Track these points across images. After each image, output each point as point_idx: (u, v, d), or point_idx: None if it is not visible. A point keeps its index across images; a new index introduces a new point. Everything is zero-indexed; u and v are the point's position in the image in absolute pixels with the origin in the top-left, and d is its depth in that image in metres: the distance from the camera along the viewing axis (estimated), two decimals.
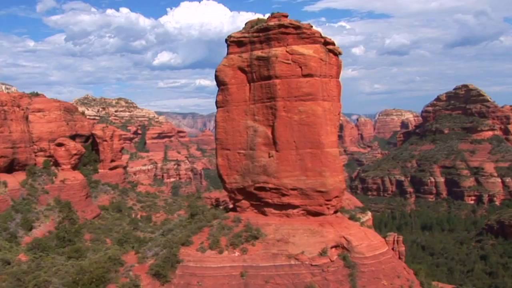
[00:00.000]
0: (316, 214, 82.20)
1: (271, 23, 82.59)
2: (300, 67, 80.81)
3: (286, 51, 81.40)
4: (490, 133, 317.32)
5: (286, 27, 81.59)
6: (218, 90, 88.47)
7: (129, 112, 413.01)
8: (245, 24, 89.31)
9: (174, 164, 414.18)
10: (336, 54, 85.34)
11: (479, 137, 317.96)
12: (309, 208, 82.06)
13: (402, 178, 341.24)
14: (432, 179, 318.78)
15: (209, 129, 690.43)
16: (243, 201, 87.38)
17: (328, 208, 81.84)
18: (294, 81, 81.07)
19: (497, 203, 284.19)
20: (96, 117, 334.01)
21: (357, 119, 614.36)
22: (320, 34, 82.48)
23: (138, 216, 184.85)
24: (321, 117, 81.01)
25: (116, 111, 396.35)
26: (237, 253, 78.71)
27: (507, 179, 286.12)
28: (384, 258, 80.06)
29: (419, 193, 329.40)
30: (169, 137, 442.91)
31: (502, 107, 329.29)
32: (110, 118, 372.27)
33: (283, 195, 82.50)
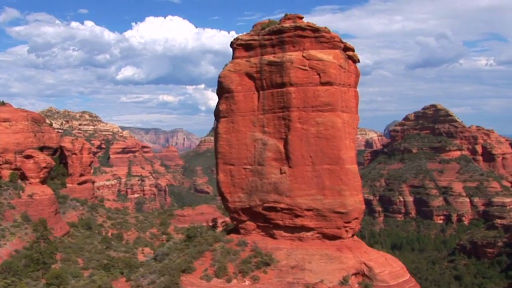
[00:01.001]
0: (332, 238, 72.80)
1: (286, 25, 73.54)
2: (318, 74, 71.91)
3: (303, 56, 72.44)
4: (458, 153, 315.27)
5: (303, 29, 72.67)
6: (221, 98, 78.60)
7: (93, 126, 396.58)
8: (253, 26, 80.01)
9: (138, 180, 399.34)
10: (355, 61, 76.84)
11: (447, 156, 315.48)
12: (325, 231, 72.58)
13: (371, 197, 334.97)
14: (401, 198, 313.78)
15: (172, 145, 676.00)
16: (248, 222, 77.26)
17: (346, 231, 72.57)
18: (311, 90, 72.02)
19: (466, 222, 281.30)
20: (59, 130, 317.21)
21: None
22: (340, 39, 73.87)
23: (109, 234, 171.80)
24: (341, 130, 72.09)
25: (80, 125, 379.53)
26: (247, 282, 68.53)
27: (475, 199, 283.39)
28: (408, 286, 71.15)
29: (388, 212, 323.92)
30: (133, 152, 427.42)
31: (469, 127, 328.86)
32: (74, 132, 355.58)
33: (296, 216, 72.87)
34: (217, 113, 79.80)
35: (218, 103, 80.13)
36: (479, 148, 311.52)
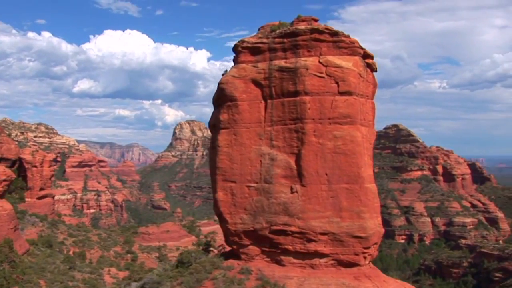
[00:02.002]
0: (349, 265, 63.79)
1: (301, 27, 64.95)
2: (337, 82, 63.50)
3: (319, 62, 63.93)
4: (419, 172, 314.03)
5: (320, 32, 64.24)
6: (221, 107, 69.10)
7: (49, 138, 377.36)
8: (259, 29, 71.10)
9: (95, 195, 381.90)
10: (373, 70, 68.96)
11: (409, 176, 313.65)
12: (341, 258, 63.58)
13: None
14: None
15: (128, 160, 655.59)
16: (251, 246, 67.51)
17: (364, 257, 63.82)
18: (329, 100, 63.47)
19: (427, 242, 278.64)
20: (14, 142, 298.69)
21: None
22: (360, 44, 65.82)
23: (71, 252, 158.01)
24: (361, 145, 63.73)
25: (35, 137, 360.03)
26: None
27: (436, 219, 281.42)
28: None
29: None
30: (90, 166, 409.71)
31: (430, 147, 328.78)
32: (29, 144, 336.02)
33: (309, 240, 63.68)
34: (216, 124, 70.23)
35: (217, 112, 70.62)
36: (439, 168, 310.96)
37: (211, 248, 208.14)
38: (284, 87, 65.09)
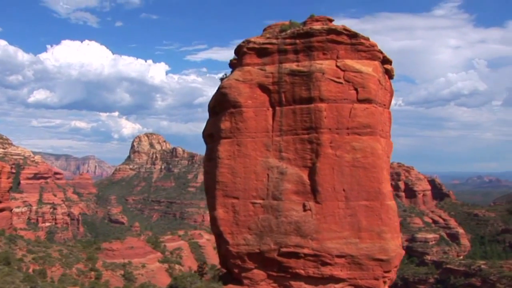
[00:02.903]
0: None
1: (316, 27, 57.87)
2: (356, 89, 56.63)
3: (337, 66, 56.95)
4: None
5: (338, 33, 57.34)
6: (222, 114, 61.07)
7: (3, 149, 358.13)
8: (265, 29, 63.68)
9: (50, 208, 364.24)
10: (391, 77, 62.55)
11: None
12: (359, 283, 56.16)
13: None
14: None
15: (84, 172, 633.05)
16: (255, 270, 59.22)
17: (384, 282, 56.73)
18: (347, 108, 56.47)
19: None
20: None
21: None
22: (379, 48, 59.24)
23: (30, 270, 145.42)
24: (381, 158, 56.90)
25: None
26: None
27: None
28: None
29: None
30: (45, 178, 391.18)
31: (392, 163, 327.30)
32: None
33: (324, 264, 56.02)
34: (215, 133, 62.18)
35: (216, 120, 62.64)
36: (401, 185, 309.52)
37: (178, 266, 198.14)
38: (296, 93, 57.76)
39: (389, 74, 61.26)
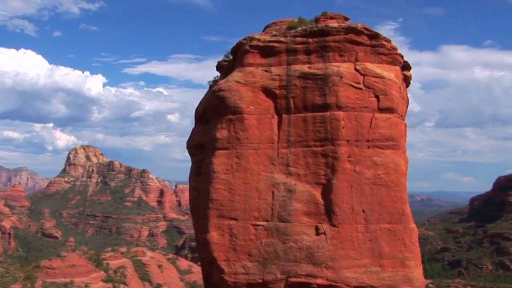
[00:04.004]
0: None
1: (333, 25, 49.78)
2: (377, 96, 48.82)
3: (356, 70, 49.00)
4: None
5: (358, 32, 49.44)
6: (218, 121, 51.52)
7: None
8: (268, 26, 55.00)
9: None
10: (408, 85, 55.32)
11: None
12: None
13: None
14: None
15: (16, 184, 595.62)
16: None
17: None
18: (367, 117, 48.49)
19: None
20: None
21: (176, 186, 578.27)
22: (400, 52, 51.81)
23: None
24: (404, 176, 49.22)
25: None
26: None
27: None
28: None
29: None
30: None
31: None
32: None
33: None
34: (208, 143, 52.62)
35: (209, 128, 53.12)
36: None
37: (123, 286, 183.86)
38: (307, 99, 49.22)
39: (407, 81, 54.02)
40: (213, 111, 52.79)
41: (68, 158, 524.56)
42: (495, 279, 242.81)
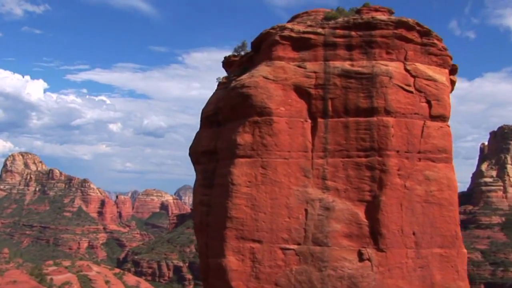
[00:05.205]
0: None
1: (381, 17, 42.31)
2: (428, 101, 41.75)
3: (406, 70, 41.68)
4: None
5: (409, 28, 42.24)
6: (241, 124, 42.63)
7: None
8: (298, 15, 46.91)
9: None
10: (452, 91, 48.58)
11: None
12: None
13: (181, 264, 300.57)
14: None
15: None
16: None
17: None
18: (418, 125, 41.22)
19: None
20: None
21: (117, 197, 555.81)
22: (450, 53, 44.99)
23: None
24: (457, 192, 42.11)
25: None
26: None
27: None
28: None
29: (199, 280, 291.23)
30: None
31: None
32: None
33: None
34: (225, 149, 43.68)
35: (226, 131, 44.20)
36: None
37: None
38: (350, 101, 41.32)
39: (453, 87, 47.23)
40: (232, 111, 43.88)
41: (5, 165, 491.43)
42: None
